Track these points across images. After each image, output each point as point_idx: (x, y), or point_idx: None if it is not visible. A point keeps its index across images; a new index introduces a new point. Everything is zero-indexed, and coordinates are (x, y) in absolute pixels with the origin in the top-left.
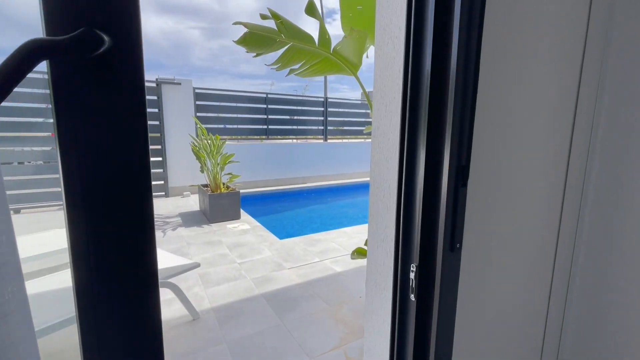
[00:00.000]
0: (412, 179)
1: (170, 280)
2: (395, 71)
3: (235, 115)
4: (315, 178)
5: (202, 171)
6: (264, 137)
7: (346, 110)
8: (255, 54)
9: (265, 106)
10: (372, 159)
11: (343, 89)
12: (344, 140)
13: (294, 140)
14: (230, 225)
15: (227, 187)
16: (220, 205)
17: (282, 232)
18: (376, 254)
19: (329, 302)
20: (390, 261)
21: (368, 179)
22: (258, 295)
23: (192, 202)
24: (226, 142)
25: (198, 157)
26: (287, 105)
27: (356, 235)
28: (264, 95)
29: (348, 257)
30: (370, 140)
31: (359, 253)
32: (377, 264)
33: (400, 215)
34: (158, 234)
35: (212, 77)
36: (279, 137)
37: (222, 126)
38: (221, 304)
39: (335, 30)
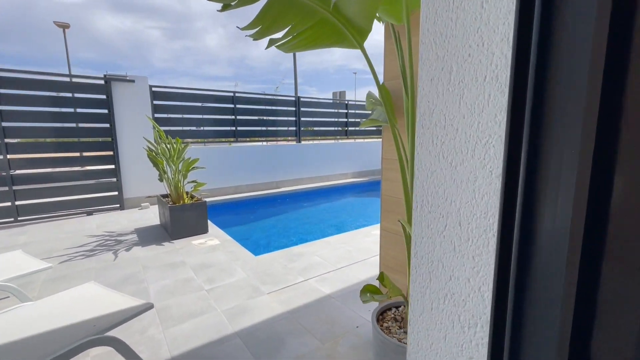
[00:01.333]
0: (531, 209)
1: (113, 330)
2: (477, 4)
3: (199, 117)
4: (289, 182)
5: (160, 180)
6: (232, 139)
7: (320, 110)
8: (222, 5)
9: (232, 106)
10: (418, 163)
11: (312, 91)
12: (319, 142)
13: (264, 143)
14: (196, 241)
15: (192, 197)
16: (184, 219)
17: (257, 246)
18: (430, 318)
19: (321, 338)
20: (473, 342)
21: (347, 180)
22: (232, 335)
23: (152, 215)
24: (189, 146)
25: (155, 164)
26: (257, 105)
27: (340, 245)
28: (231, 95)
29: (335, 274)
30: (346, 140)
31: (370, 293)
32: (429, 334)
33: (510, 279)
34: (108, 256)
35: (174, 78)
36: (247, 139)
37: (184, 128)
38: (184, 350)
39: None
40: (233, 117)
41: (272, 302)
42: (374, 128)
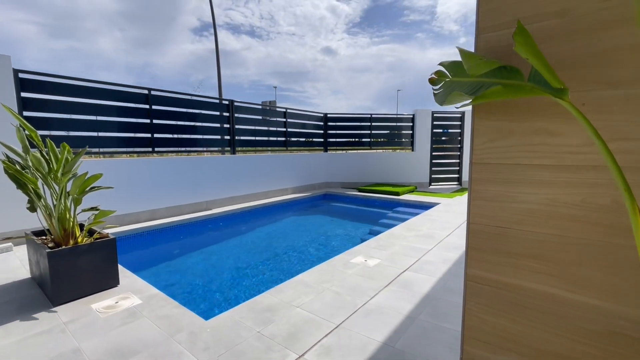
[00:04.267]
0: None
1: None
2: None
3: (98, 118)
4: (222, 202)
5: (32, 208)
6: (145, 150)
7: (257, 117)
8: None
9: (147, 107)
10: None
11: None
12: (256, 154)
13: (180, 155)
14: (101, 303)
15: (90, 234)
16: (76, 269)
17: (203, 297)
18: None
19: None
20: None
21: (287, 197)
22: None
23: (17, 264)
24: (82, 155)
25: (21, 184)
26: (180, 107)
27: (321, 286)
28: (146, 92)
29: (338, 337)
30: (286, 153)
31: None
32: None
33: None
34: None
35: None
36: (164, 150)
37: (77, 134)
38: None
39: (221, 45)
40: (148, 121)
41: None
42: (329, 139)
